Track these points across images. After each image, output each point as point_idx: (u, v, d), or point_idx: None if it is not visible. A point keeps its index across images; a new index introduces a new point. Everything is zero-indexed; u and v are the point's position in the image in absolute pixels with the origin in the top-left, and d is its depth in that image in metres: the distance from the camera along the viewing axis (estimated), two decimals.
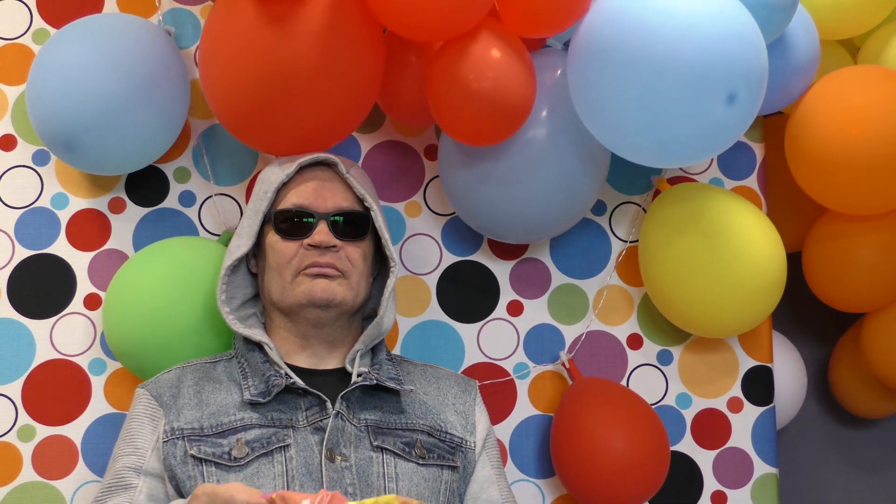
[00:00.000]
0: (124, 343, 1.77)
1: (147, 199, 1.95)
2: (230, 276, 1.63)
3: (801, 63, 1.91)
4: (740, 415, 2.02)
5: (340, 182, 1.64)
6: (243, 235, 1.63)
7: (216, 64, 1.67)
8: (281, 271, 1.59)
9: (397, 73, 1.75)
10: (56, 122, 1.73)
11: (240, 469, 1.48)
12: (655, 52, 1.52)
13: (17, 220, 1.91)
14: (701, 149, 1.64)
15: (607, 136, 1.67)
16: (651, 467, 1.82)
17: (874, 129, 1.86)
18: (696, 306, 1.86)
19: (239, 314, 1.64)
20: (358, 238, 1.62)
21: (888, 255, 2.08)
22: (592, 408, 1.84)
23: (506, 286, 2.00)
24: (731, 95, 1.52)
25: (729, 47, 1.52)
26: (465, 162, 1.81)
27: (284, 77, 1.60)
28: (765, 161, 2.10)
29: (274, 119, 1.65)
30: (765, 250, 1.84)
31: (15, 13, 1.96)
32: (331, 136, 1.74)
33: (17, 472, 1.84)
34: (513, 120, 1.65)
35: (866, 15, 2.11)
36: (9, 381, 1.86)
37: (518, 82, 1.62)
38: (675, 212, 1.89)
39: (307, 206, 1.61)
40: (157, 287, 1.75)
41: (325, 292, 1.56)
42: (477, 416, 1.67)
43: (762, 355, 2.05)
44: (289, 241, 1.60)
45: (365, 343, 1.62)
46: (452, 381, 1.70)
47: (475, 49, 1.60)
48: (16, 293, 1.89)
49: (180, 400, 1.55)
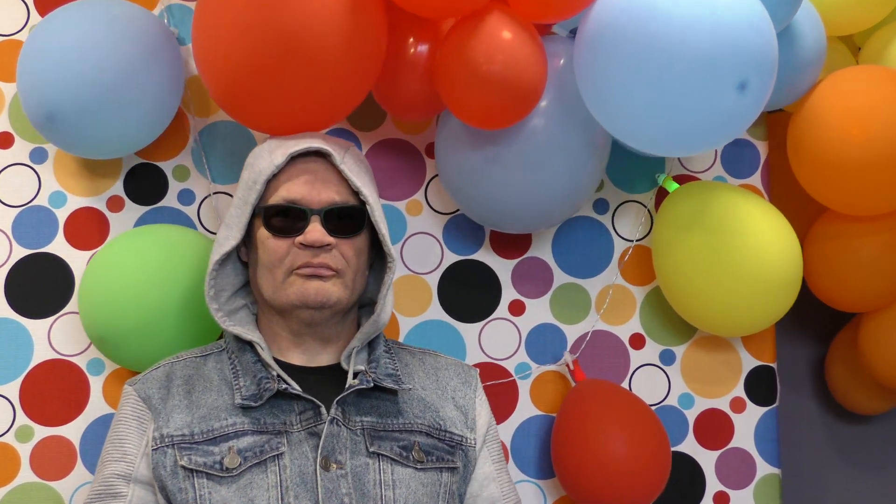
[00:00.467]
0: (99, 328, 1.74)
1: (146, 198, 1.93)
2: (219, 268, 1.57)
3: (808, 58, 1.89)
4: (743, 415, 2.01)
5: (334, 173, 1.56)
6: (232, 226, 1.56)
7: (211, 27, 1.58)
8: (272, 270, 1.52)
9: (395, 64, 1.71)
10: (39, 93, 1.70)
11: (232, 480, 1.44)
12: (665, 39, 1.49)
13: (14, 218, 1.89)
14: (711, 137, 1.61)
15: (615, 125, 1.64)
16: (651, 476, 1.81)
17: (877, 129, 1.85)
18: (714, 304, 1.85)
19: (228, 307, 1.59)
20: (353, 234, 1.55)
21: (887, 256, 2.07)
22: (595, 413, 1.83)
23: (507, 285, 1.99)
24: (742, 83, 1.50)
25: (739, 34, 1.50)
26: (470, 147, 1.77)
27: (286, 43, 1.52)
28: (768, 159, 2.09)
29: (272, 90, 1.56)
30: (783, 251, 1.84)
31: (11, 9, 1.94)
32: (330, 112, 1.66)
33: (16, 473, 1.83)
34: (525, 102, 1.62)
35: (869, 11, 2.10)
36: (7, 382, 1.85)
37: (530, 64, 1.59)
38: (688, 210, 1.88)
39: (299, 201, 1.52)
40: (134, 270, 1.74)
41: (319, 294, 1.51)
42: (478, 409, 1.63)
43: (765, 355, 2.04)
44: (280, 238, 1.53)
45: (361, 340, 1.58)
46: (452, 372, 1.65)
47: (486, 31, 1.57)
48: (13, 293, 1.88)
49: (170, 402, 1.51)
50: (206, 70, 1.63)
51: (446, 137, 1.83)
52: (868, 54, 2.18)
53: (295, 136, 1.60)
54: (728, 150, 2.08)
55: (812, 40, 1.89)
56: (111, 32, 1.72)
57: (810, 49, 1.89)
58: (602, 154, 1.82)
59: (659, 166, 2.04)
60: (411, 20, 1.69)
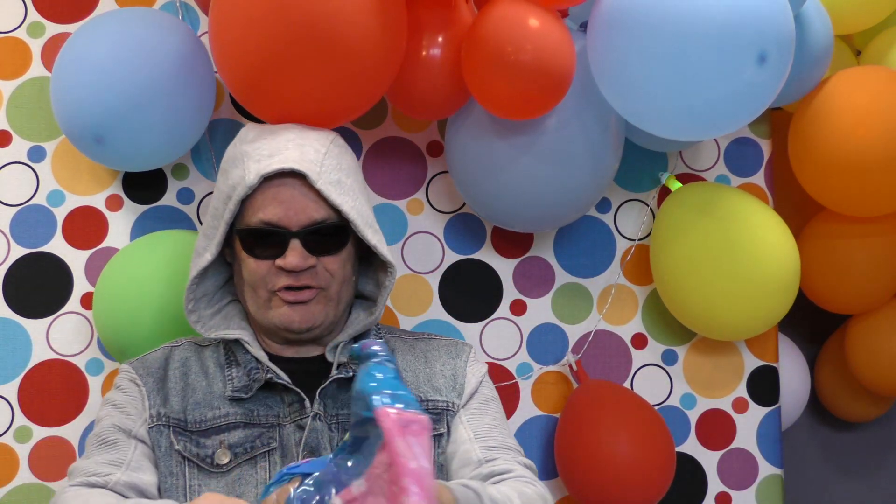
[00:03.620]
0: (118, 340, 1.75)
1: (145, 197, 1.92)
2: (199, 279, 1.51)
3: (816, 54, 1.88)
4: (745, 415, 2.01)
5: (312, 189, 1.45)
6: (210, 238, 1.50)
7: (228, 14, 1.53)
8: (255, 289, 1.48)
9: (411, 63, 1.67)
10: (85, 116, 1.70)
11: (221, 475, 1.44)
12: (682, 14, 1.47)
13: (12, 217, 1.88)
14: (733, 114, 1.57)
15: (634, 109, 1.62)
16: (656, 477, 1.81)
17: (881, 129, 1.84)
18: (710, 308, 1.84)
19: (213, 307, 1.56)
20: (335, 252, 1.48)
21: (880, 259, 2.07)
22: (601, 414, 1.82)
23: (509, 285, 1.98)
24: (761, 55, 1.48)
25: (758, 6, 1.48)
26: (489, 141, 1.74)
27: (306, 30, 1.46)
28: (772, 157, 2.08)
29: (291, 81, 1.50)
30: (780, 255, 1.83)
31: (9, 6, 1.93)
32: (351, 105, 1.60)
33: (14, 474, 1.82)
34: (556, 90, 1.59)
35: (871, 9, 2.09)
36: (5, 382, 1.84)
37: (559, 51, 1.56)
38: (687, 211, 1.87)
39: (276, 223, 1.45)
40: (147, 278, 1.73)
41: (304, 321, 1.47)
42: (468, 376, 1.57)
43: (768, 355, 2.03)
44: (260, 260, 1.47)
45: (349, 334, 1.55)
46: (443, 351, 1.59)
47: (513, 20, 1.55)
48: (12, 292, 1.86)
49: (167, 384, 1.50)
50: (223, 59, 1.58)
51: (461, 132, 1.79)
52: (869, 57, 2.18)
53: (271, 134, 1.51)
54: (731, 149, 2.07)
55: (820, 35, 1.87)
56: (144, 45, 1.71)
57: (818, 44, 1.87)
58: (618, 148, 1.81)
59: (662, 164, 2.02)
60: (427, 13, 1.66)
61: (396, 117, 1.98)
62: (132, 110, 1.69)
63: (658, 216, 1.95)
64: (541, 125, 1.71)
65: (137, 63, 1.69)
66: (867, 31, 2.20)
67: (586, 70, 1.67)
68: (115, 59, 1.70)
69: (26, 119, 1.91)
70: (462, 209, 1.97)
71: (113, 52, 1.70)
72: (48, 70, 1.91)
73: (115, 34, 1.73)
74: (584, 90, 1.70)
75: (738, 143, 2.07)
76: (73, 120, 1.72)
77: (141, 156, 1.78)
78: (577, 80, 1.66)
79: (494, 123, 1.73)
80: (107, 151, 1.74)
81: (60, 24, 1.93)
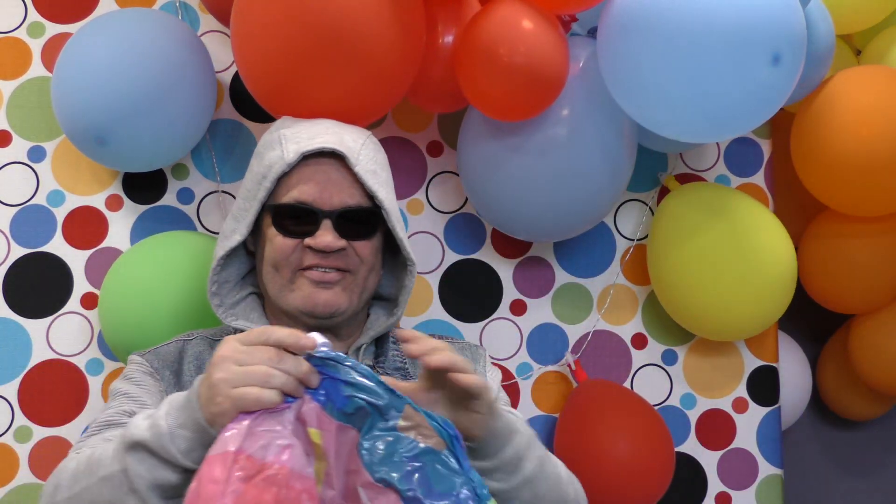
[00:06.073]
0: (124, 341, 1.74)
1: (145, 197, 1.92)
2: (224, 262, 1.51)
3: (819, 54, 1.88)
4: (745, 415, 2.01)
5: (349, 173, 1.46)
6: (240, 220, 1.48)
7: (249, 15, 1.52)
8: (279, 268, 1.45)
9: (428, 55, 1.67)
10: (86, 118, 1.70)
11: None
12: (695, 15, 1.47)
13: (12, 217, 1.88)
14: (747, 115, 1.57)
15: (647, 112, 1.61)
16: (655, 477, 1.80)
17: (884, 129, 1.84)
18: (706, 308, 1.84)
19: (234, 296, 1.53)
20: (366, 237, 1.47)
21: (884, 258, 2.07)
22: (600, 414, 1.82)
23: (509, 285, 1.98)
24: (775, 56, 1.48)
25: (771, 7, 1.48)
26: (511, 151, 1.74)
27: (328, 31, 1.46)
28: (772, 157, 2.08)
29: (313, 82, 1.50)
30: (777, 254, 1.84)
31: (9, 6, 1.93)
32: (373, 106, 1.60)
33: (14, 474, 1.82)
34: (548, 92, 1.59)
35: (871, 9, 2.09)
36: (5, 382, 1.84)
37: (552, 54, 1.56)
38: (686, 211, 1.87)
39: (310, 203, 1.44)
40: (154, 279, 1.73)
41: (329, 306, 1.44)
42: (487, 381, 1.54)
43: (768, 355, 2.03)
44: (290, 238, 1.45)
45: (371, 337, 1.53)
46: (460, 354, 1.59)
47: (506, 22, 1.55)
48: (11, 292, 1.86)
49: (182, 378, 1.46)
50: (246, 64, 1.58)
51: (475, 133, 1.78)
52: (869, 57, 2.17)
53: (309, 123, 1.52)
54: (731, 149, 2.07)
55: (824, 35, 1.87)
56: (144, 46, 1.71)
57: (821, 44, 1.87)
58: (632, 156, 1.80)
59: (661, 164, 2.02)
60: (439, 7, 1.66)
61: (396, 117, 1.98)
62: (133, 111, 1.69)
63: (655, 216, 1.95)
64: (553, 137, 1.71)
65: (138, 64, 1.70)
66: (867, 31, 2.20)
67: (597, 76, 1.67)
68: (115, 60, 1.70)
69: (26, 119, 1.91)
70: (462, 209, 1.97)
71: (113, 53, 1.70)
72: (48, 70, 1.91)
73: (116, 35, 1.73)
74: (595, 96, 1.70)
75: (738, 143, 2.07)
76: (75, 121, 1.72)
77: (142, 156, 1.78)
78: (588, 86, 1.67)
79: (512, 136, 1.73)
80: (108, 152, 1.75)
81: (60, 25, 1.93)
